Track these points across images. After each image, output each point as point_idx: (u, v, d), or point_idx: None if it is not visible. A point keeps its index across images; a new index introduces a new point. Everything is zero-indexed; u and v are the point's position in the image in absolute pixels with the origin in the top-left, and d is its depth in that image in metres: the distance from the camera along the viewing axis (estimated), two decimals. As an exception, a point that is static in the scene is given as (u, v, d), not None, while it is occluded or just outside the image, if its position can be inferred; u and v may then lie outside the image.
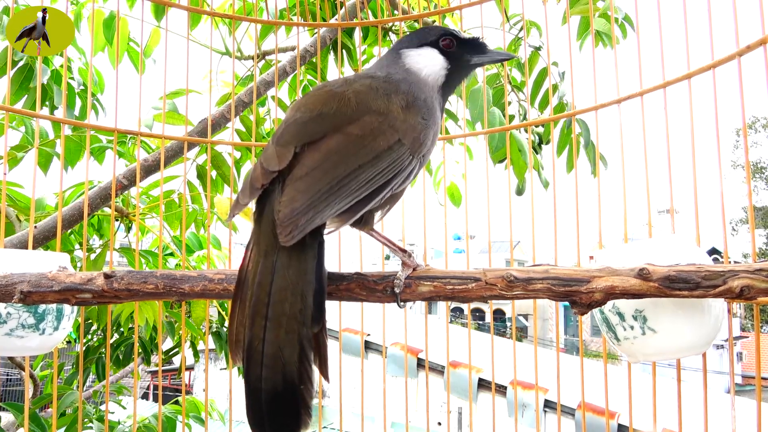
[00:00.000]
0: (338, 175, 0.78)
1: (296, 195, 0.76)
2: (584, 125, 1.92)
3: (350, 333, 4.71)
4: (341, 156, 0.79)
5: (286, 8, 1.79)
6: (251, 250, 0.80)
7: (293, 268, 0.76)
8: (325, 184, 0.77)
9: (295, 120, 0.85)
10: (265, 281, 0.76)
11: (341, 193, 0.77)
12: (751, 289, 0.78)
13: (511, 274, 0.85)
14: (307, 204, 0.75)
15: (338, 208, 0.77)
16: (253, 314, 0.75)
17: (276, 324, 0.74)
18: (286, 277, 0.76)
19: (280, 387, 0.72)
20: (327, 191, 0.77)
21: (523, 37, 1.67)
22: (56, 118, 1.45)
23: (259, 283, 0.77)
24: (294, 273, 0.76)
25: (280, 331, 0.74)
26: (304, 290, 0.76)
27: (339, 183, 0.77)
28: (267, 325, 0.74)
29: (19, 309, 1.00)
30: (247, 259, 0.80)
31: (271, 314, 0.74)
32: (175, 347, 2.45)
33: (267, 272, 0.77)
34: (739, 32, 1.04)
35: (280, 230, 0.75)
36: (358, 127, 0.82)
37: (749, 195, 1.04)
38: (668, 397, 1.18)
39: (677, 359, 1.05)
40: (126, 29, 1.93)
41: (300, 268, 0.77)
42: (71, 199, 1.96)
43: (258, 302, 0.75)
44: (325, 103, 0.86)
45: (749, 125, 21.47)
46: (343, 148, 0.80)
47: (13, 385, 10.12)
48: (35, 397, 2.12)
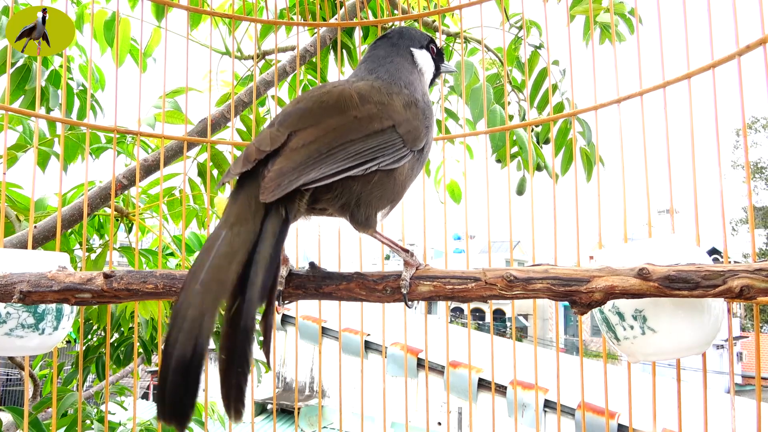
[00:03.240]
0: (330, 144, 0.82)
1: (287, 161, 0.79)
2: (585, 124, 1.92)
3: (350, 333, 4.71)
4: (337, 132, 0.84)
5: (286, 8, 1.79)
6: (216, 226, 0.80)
7: (244, 235, 0.75)
8: (315, 151, 0.81)
9: (296, 108, 0.87)
10: (212, 246, 0.75)
11: (328, 160, 0.81)
12: (751, 288, 0.78)
13: (511, 274, 0.85)
14: (294, 167, 0.79)
15: (322, 172, 0.80)
16: (190, 279, 0.72)
17: (206, 288, 0.71)
18: (234, 243, 0.74)
19: (189, 355, 0.67)
20: (316, 157, 0.80)
21: (523, 37, 1.67)
22: (56, 118, 1.45)
23: (205, 248, 0.75)
24: (242, 240, 0.75)
25: (207, 296, 0.70)
26: (253, 259, 0.73)
27: (329, 152, 0.81)
28: (197, 288, 0.70)
29: (18, 309, 1.00)
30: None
31: (205, 278, 0.71)
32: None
33: (216, 238, 0.76)
34: (739, 32, 1.04)
35: (263, 189, 0.76)
36: (358, 111, 0.87)
37: (749, 195, 1.04)
38: (668, 397, 1.18)
39: (677, 359, 1.05)
40: (127, 30, 1.93)
41: (252, 238, 0.75)
42: (72, 199, 1.96)
43: (198, 267, 0.73)
44: (326, 93, 0.89)
45: (749, 125, 21.46)
46: (340, 126, 0.85)
47: (13, 385, 10.11)
48: (35, 397, 2.12)
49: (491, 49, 2.16)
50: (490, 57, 2.20)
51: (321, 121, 0.85)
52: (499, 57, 2.12)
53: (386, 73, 1.01)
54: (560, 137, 1.99)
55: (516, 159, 2.11)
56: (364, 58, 1.07)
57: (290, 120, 0.85)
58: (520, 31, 2.07)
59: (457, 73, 1.60)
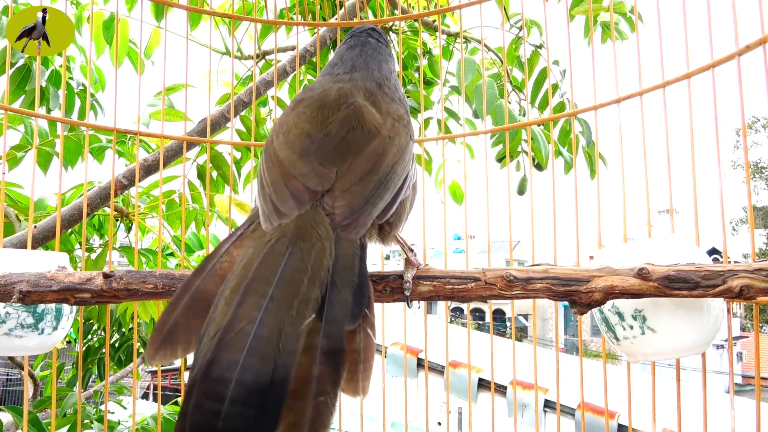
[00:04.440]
0: (381, 172, 0.81)
1: (353, 197, 0.77)
2: (585, 124, 1.92)
3: (350, 333, 4.70)
4: (380, 157, 0.82)
5: (286, 8, 1.79)
6: (246, 243, 0.73)
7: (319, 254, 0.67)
8: (372, 183, 0.79)
9: (328, 138, 0.85)
10: (274, 262, 0.65)
11: (386, 188, 0.80)
12: (751, 288, 0.78)
13: (511, 274, 0.85)
14: (363, 202, 0.77)
15: (385, 201, 0.79)
16: (245, 293, 0.62)
17: (283, 304, 0.60)
18: (305, 260, 0.66)
19: (267, 381, 0.55)
20: (376, 188, 0.79)
21: (523, 37, 1.66)
22: (56, 118, 1.45)
23: (261, 262, 0.66)
24: (318, 259, 0.67)
25: (285, 314, 0.60)
26: (338, 281, 0.66)
27: (384, 179, 0.80)
28: (267, 305, 0.60)
29: (18, 309, 1.00)
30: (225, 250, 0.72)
31: (276, 294, 0.61)
32: (175, 347, 2.44)
33: (276, 255, 0.67)
34: (739, 32, 1.04)
35: (343, 227, 0.73)
36: (384, 129, 0.87)
37: (749, 195, 1.04)
38: (668, 397, 1.18)
39: (677, 359, 1.05)
40: (126, 30, 1.93)
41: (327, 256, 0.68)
42: (71, 199, 1.97)
43: (257, 280, 0.63)
44: (344, 109, 0.88)
45: (749, 125, 21.46)
46: (380, 150, 0.84)
47: (13, 385, 10.12)
48: (35, 397, 2.12)
49: (491, 48, 2.16)
50: (490, 57, 2.20)
51: (361, 148, 0.83)
52: (500, 57, 2.12)
53: (378, 72, 1.02)
54: (561, 137, 1.99)
55: (516, 159, 2.11)
56: (345, 55, 1.06)
57: (331, 155, 0.82)
58: (521, 30, 2.06)
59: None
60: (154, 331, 0.65)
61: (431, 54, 2.29)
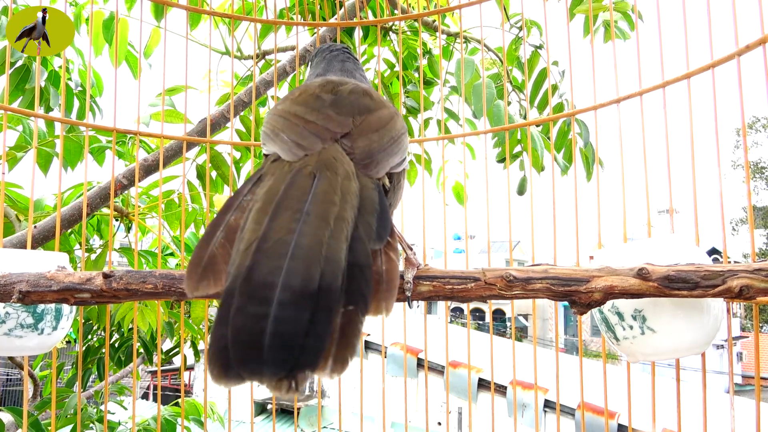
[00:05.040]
0: (391, 133, 0.83)
1: (371, 142, 0.79)
2: (583, 125, 1.92)
3: (350, 333, 4.71)
4: (390, 122, 0.85)
5: (286, 8, 1.79)
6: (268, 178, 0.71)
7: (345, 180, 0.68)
8: (387, 137, 0.81)
9: (339, 98, 0.87)
10: (303, 184, 0.65)
11: (397, 147, 0.82)
12: (750, 288, 0.78)
13: (511, 274, 0.85)
14: (380, 148, 0.79)
15: (397, 159, 0.81)
16: (278, 209, 0.60)
17: (319, 218, 0.59)
18: (334, 185, 0.66)
19: (315, 285, 0.52)
20: (390, 143, 0.81)
21: (523, 37, 1.66)
22: (55, 118, 1.45)
23: (289, 184, 0.65)
24: (345, 185, 0.67)
25: (323, 226, 0.58)
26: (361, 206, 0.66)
27: (394, 139, 0.82)
28: (305, 219, 0.59)
29: (17, 309, 1.00)
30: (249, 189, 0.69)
31: (312, 209, 0.60)
32: (175, 347, 2.45)
33: (303, 179, 0.66)
34: (739, 32, 1.04)
35: (364, 165, 0.74)
36: (389, 108, 0.89)
37: (749, 195, 1.03)
38: (668, 397, 1.18)
39: (676, 359, 1.05)
40: (126, 30, 1.93)
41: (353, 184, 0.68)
42: (71, 199, 1.97)
43: (288, 198, 0.62)
44: (346, 86, 0.91)
45: (749, 125, 21.46)
46: (389, 117, 0.86)
47: (13, 385, 10.12)
48: (35, 397, 2.12)
49: (491, 49, 2.16)
50: (490, 57, 2.20)
51: (373, 110, 0.85)
52: (499, 57, 2.12)
53: (362, 78, 1.06)
54: (560, 138, 1.99)
55: (517, 159, 2.11)
56: (324, 66, 1.09)
57: (345, 108, 0.84)
58: (521, 31, 2.06)
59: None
60: (190, 265, 0.62)
61: (431, 54, 2.29)
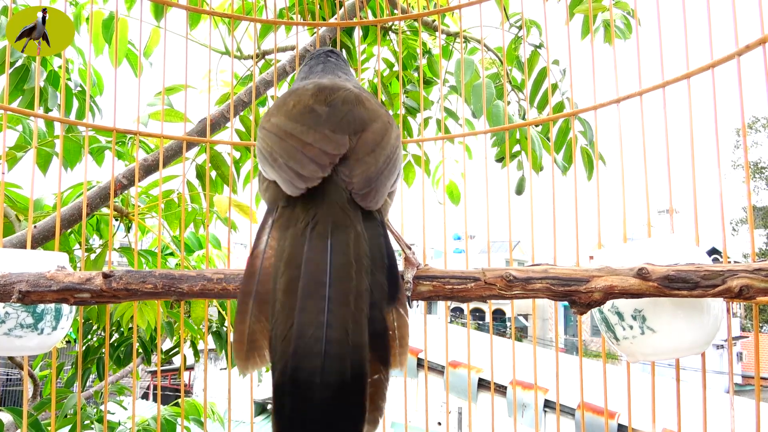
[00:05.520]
0: (387, 149, 0.82)
1: (367, 167, 0.78)
2: (586, 123, 1.92)
3: (350, 333, 4.70)
4: (385, 136, 0.84)
5: (286, 8, 1.79)
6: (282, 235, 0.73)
7: (356, 242, 0.70)
8: (383, 157, 0.80)
9: (334, 111, 0.85)
10: (320, 259, 0.67)
11: (394, 165, 0.82)
12: (750, 288, 0.78)
13: (510, 274, 0.85)
14: (377, 173, 0.78)
15: (394, 178, 0.81)
16: (304, 297, 0.65)
17: (341, 303, 0.64)
18: (348, 253, 0.68)
19: (348, 377, 0.61)
20: (387, 163, 0.80)
21: (523, 36, 1.66)
22: (55, 118, 1.45)
23: (308, 260, 0.67)
24: (356, 248, 0.69)
25: (346, 312, 0.64)
26: (373, 266, 0.69)
27: (391, 157, 0.82)
28: (329, 307, 0.63)
29: (17, 309, 0.99)
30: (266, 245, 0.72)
31: (333, 294, 0.64)
32: (175, 347, 2.45)
33: (319, 250, 0.68)
34: (739, 32, 1.04)
35: (362, 196, 0.74)
36: (382, 118, 0.88)
37: (748, 195, 1.03)
38: (668, 397, 1.18)
39: (676, 359, 1.05)
40: (125, 30, 1.93)
41: (363, 243, 0.70)
42: (70, 199, 1.96)
43: (311, 282, 0.65)
44: (341, 93, 0.89)
45: (749, 125, 21.46)
46: (384, 130, 0.85)
47: (13, 385, 10.12)
48: (35, 397, 2.12)
49: (491, 48, 2.16)
50: (490, 56, 2.20)
51: (368, 124, 0.84)
52: (499, 57, 2.12)
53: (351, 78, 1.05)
54: (560, 137, 1.99)
55: (516, 159, 2.11)
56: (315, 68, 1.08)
57: (342, 124, 0.82)
58: (520, 30, 2.06)
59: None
60: (236, 344, 0.68)
61: (431, 54, 2.29)
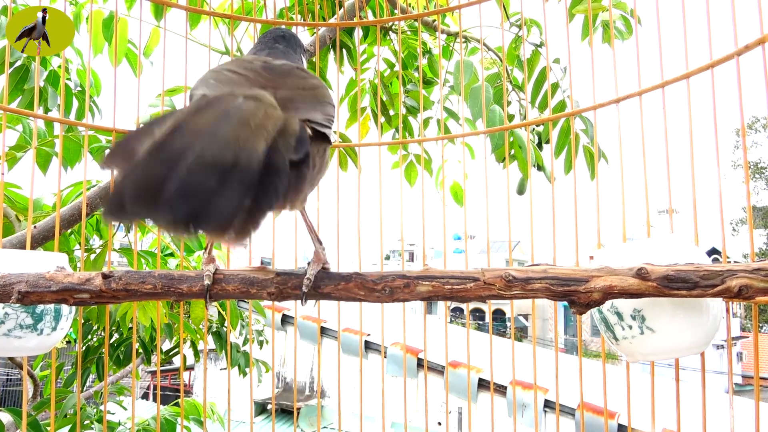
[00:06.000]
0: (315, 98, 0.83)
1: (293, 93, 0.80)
2: (588, 122, 1.92)
3: (350, 333, 4.71)
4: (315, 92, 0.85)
5: (286, 8, 1.79)
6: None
7: (270, 109, 0.69)
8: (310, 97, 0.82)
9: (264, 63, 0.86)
10: (229, 99, 0.67)
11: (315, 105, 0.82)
12: (750, 288, 0.78)
13: (510, 274, 0.85)
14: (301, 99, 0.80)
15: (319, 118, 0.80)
16: (198, 108, 0.63)
17: (241, 121, 0.62)
18: (259, 105, 0.68)
19: (227, 160, 0.56)
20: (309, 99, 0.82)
21: (523, 36, 1.67)
22: (55, 118, 1.45)
23: (217, 97, 0.67)
24: (270, 111, 0.68)
25: (244, 127, 0.61)
26: (283, 127, 0.66)
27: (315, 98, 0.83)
28: (224, 118, 0.62)
29: (17, 309, 1.00)
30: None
31: (234, 113, 0.63)
32: (175, 347, 2.45)
33: (231, 97, 0.68)
34: (738, 32, 1.04)
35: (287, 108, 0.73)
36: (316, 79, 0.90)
37: (748, 195, 1.03)
38: (667, 397, 1.18)
39: (676, 359, 1.05)
40: (125, 30, 1.93)
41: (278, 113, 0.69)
42: (69, 198, 1.96)
43: (211, 103, 0.65)
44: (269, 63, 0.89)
45: (749, 125, 21.44)
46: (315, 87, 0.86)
47: (13, 385, 10.12)
48: (35, 397, 2.12)
49: (491, 48, 2.16)
50: (490, 56, 2.20)
51: (300, 78, 0.85)
52: (499, 56, 2.12)
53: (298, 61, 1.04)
54: (561, 137, 1.98)
55: (516, 159, 2.10)
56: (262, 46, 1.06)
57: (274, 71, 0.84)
58: (520, 30, 2.06)
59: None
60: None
61: (431, 54, 2.29)
